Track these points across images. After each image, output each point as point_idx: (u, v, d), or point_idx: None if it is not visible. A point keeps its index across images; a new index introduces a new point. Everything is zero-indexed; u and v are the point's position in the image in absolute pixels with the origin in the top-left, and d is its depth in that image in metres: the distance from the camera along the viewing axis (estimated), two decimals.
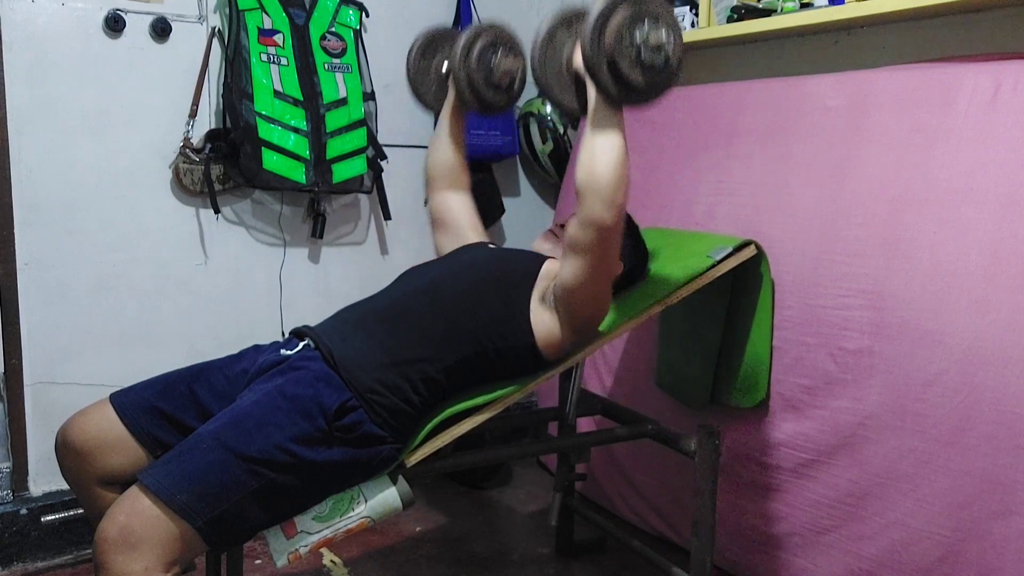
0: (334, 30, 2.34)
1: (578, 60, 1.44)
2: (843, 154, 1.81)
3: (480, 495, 2.56)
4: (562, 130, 2.67)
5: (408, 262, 2.60)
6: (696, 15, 2.37)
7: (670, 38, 1.35)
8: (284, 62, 2.23)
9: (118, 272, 2.18)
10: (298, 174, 2.23)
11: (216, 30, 2.24)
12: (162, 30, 2.16)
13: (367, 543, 2.20)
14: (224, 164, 2.24)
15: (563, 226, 1.65)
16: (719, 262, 1.75)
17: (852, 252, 1.75)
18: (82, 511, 1.58)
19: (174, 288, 2.27)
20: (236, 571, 1.42)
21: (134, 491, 1.26)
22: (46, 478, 2.13)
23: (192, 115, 2.21)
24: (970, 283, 1.55)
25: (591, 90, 1.43)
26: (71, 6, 2.06)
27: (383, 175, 2.48)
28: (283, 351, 1.51)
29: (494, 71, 1.72)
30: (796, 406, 1.84)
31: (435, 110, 1.90)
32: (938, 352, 1.59)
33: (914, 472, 1.63)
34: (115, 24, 2.10)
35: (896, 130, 1.72)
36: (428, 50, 1.85)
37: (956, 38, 1.93)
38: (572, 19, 1.51)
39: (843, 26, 2.10)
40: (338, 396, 1.39)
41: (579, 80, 1.48)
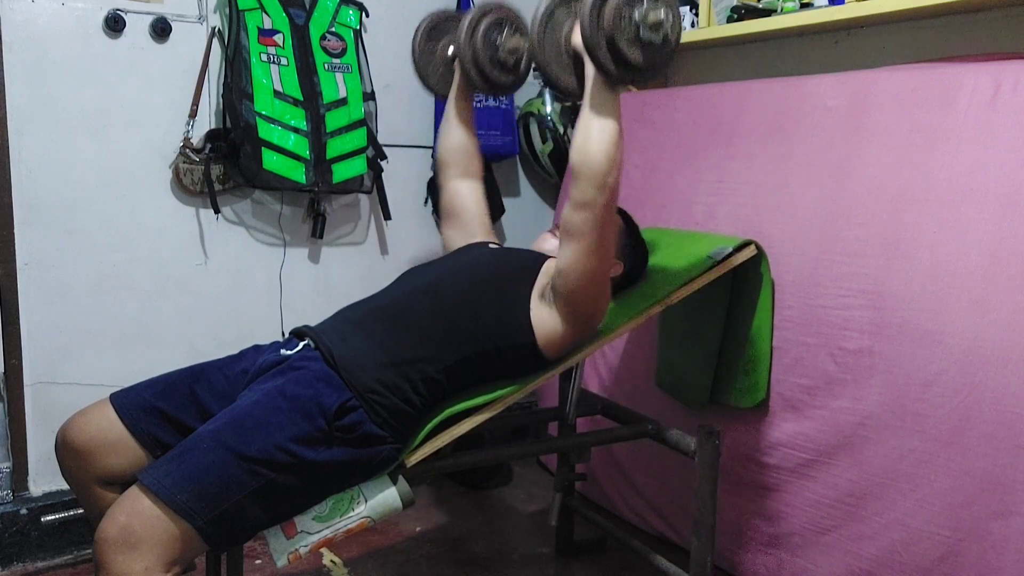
0: (334, 30, 2.34)
1: (576, 39, 1.43)
2: (843, 154, 1.81)
3: (480, 495, 2.56)
4: (562, 130, 2.67)
5: (408, 262, 2.62)
6: (696, 15, 2.37)
7: (668, 16, 1.35)
8: (284, 62, 2.23)
9: (118, 272, 2.18)
10: (298, 174, 2.23)
11: (216, 30, 2.24)
12: (162, 30, 2.16)
13: (367, 543, 2.20)
14: (224, 164, 2.24)
15: None
16: (719, 262, 1.76)
17: (852, 252, 1.75)
18: (82, 511, 1.58)
19: (174, 288, 2.27)
20: (236, 571, 1.42)
21: (134, 491, 1.26)
22: (46, 478, 2.13)
23: (192, 115, 2.21)
24: (970, 283, 1.55)
25: (589, 69, 1.42)
26: (71, 6, 2.06)
27: (383, 175, 2.48)
28: (283, 351, 1.51)
29: (500, 49, 1.71)
30: (796, 406, 1.84)
31: (440, 94, 1.90)
32: (938, 352, 1.59)
33: (914, 472, 1.63)
34: (115, 24, 2.10)
35: (896, 130, 1.72)
36: (433, 33, 1.85)
37: (956, 38, 1.93)
38: None
39: (843, 26, 2.10)
40: (338, 396, 1.39)
41: (577, 59, 1.47)
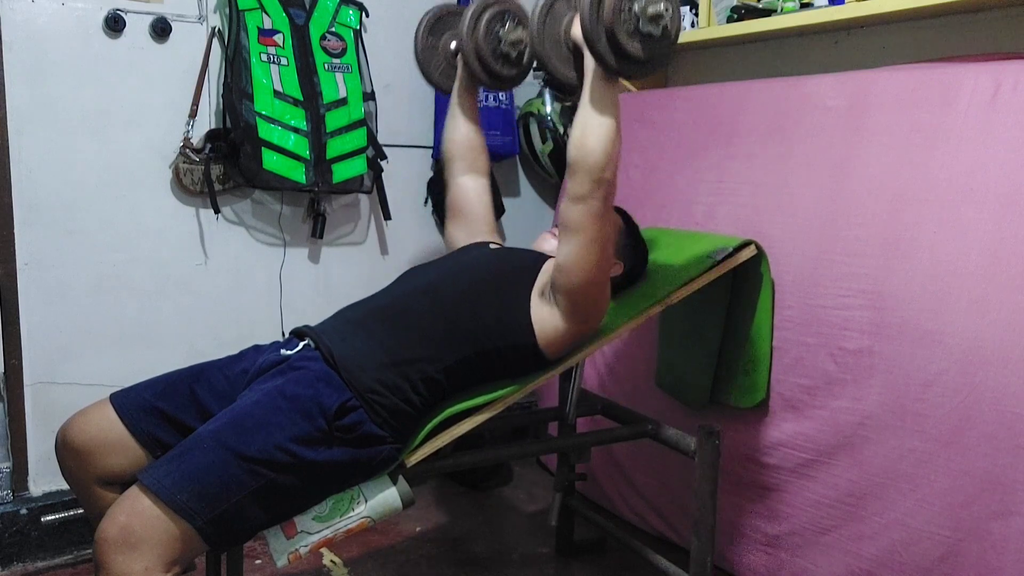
0: (334, 30, 2.33)
1: (576, 31, 1.43)
2: (843, 154, 1.81)
3: (480, 495, 2.56)
4: (562, 130, 2.66)
5: (408, 262, 2.62)
6: (696, 15, 2.37)
7: (668, 8, 1.35)
8: (284, 62, 2.23)
9: (118, 272, 2.18)
10: (298, 174, 2.23)
11: (216, 30, 2.24)
12: (162, 30, 2.16)
13: (367, 543, 2.20)
14: (224, 164, 2.24)
15: None
16: (719, 262, 1.76)
17: (852, 252, 1.75)
18: (82, 511, 1.58)
19: (174, 288, 2.27)
20: (236, 571, 1.42)
21: (134, 491, 1.26)
22: (46, 478, 2.13)
23: (192, 115, 2.21)
24: (970, 283, 1.55)
25: (588, 62, 1.42)
26: (71, 6, 2.06)
27: (383, 175, 2.48)
28: (283, 351, 1.51)
29: (502, 42, 1.71)
30: (796, 406, 1.84)
31: (442, 88, 1.90)
32: (938, 352, 1.59)
33: (914, 472, 1.63)
34: (115, 24, 2.10)
35: (896, 130, 1.72)
36: (435, 28, 1.85)
37: (956, 38, 1.93)
38: None
39: (843, 26, 2.10)
40: (338, 396, 1.39)
41: (577, 52, 1.47)
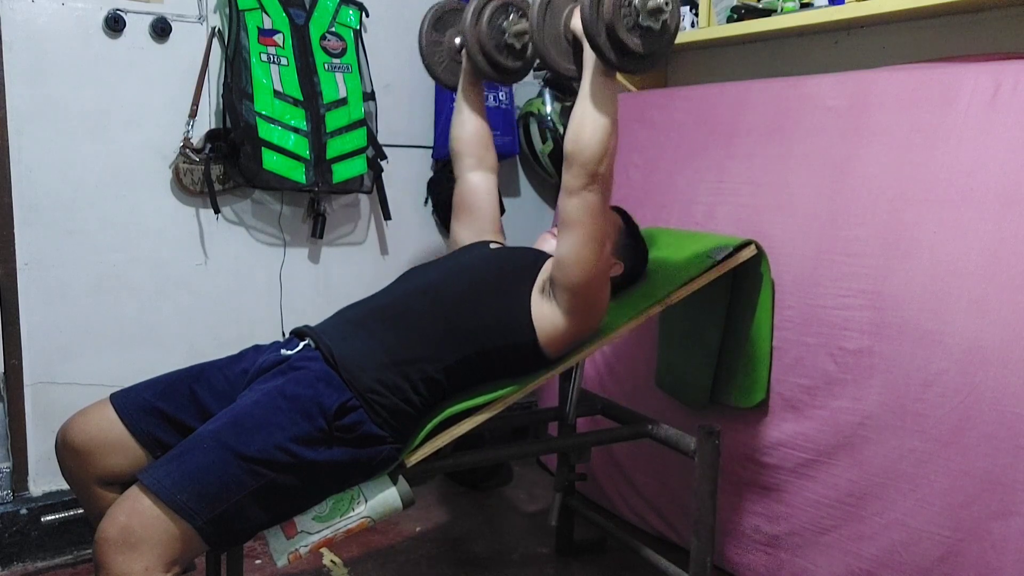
0: (334, 30, 2.33)
1: (576, 24, 1.43)
2: (843, 154, 1.81)
3: (480, 495, 2.56)
4: (562, 130, 2.66)
5: (408, 262, 2.62)
6: (696, 15, 2.37)
7: (668, 3, 1.35)
8: (284, 62, 2.23)
9: (118, 272, 2.18)
10: (298, 174, 2.23)
11: (216, 30, 2.24)
12: (162, 30, 2.16)
13: (367, 543, 2.20)
14: (224, 164, 2.24)
15: None
16: (719, 262, 1.76)
17: (852, 252, 1.74)
18: (82, 511, 1.58)
19: (174, 288, 2.27)
20: (236, 571, 1.42)
21: (134, 491, 1.26)
22: (46, 478, 2.13)
23: (192, 115, 2.21)
24: (970, 283, 1.55)
25: (588, 56, 1.42)
26: (71, 6, 2.06)
27: (383, 175, 2.48)
28: (283, 351, 1.51)
29: (506, 34, 1.71)
30: (796, 406, 1.84)
31: (447, 84, 1.90)
32: (938, 352, 1.59)
33: (914, 472, 1.63)
34: (115, 24, 2.10)
35: (896, 130, 1.72)
36: (439, 24, 1.85)
37: (956, 38, 1.93)
38: None
39: (843, 26, 2.10)
40: (338, 396, 1.39)
41: (577, 45, 1.47)
